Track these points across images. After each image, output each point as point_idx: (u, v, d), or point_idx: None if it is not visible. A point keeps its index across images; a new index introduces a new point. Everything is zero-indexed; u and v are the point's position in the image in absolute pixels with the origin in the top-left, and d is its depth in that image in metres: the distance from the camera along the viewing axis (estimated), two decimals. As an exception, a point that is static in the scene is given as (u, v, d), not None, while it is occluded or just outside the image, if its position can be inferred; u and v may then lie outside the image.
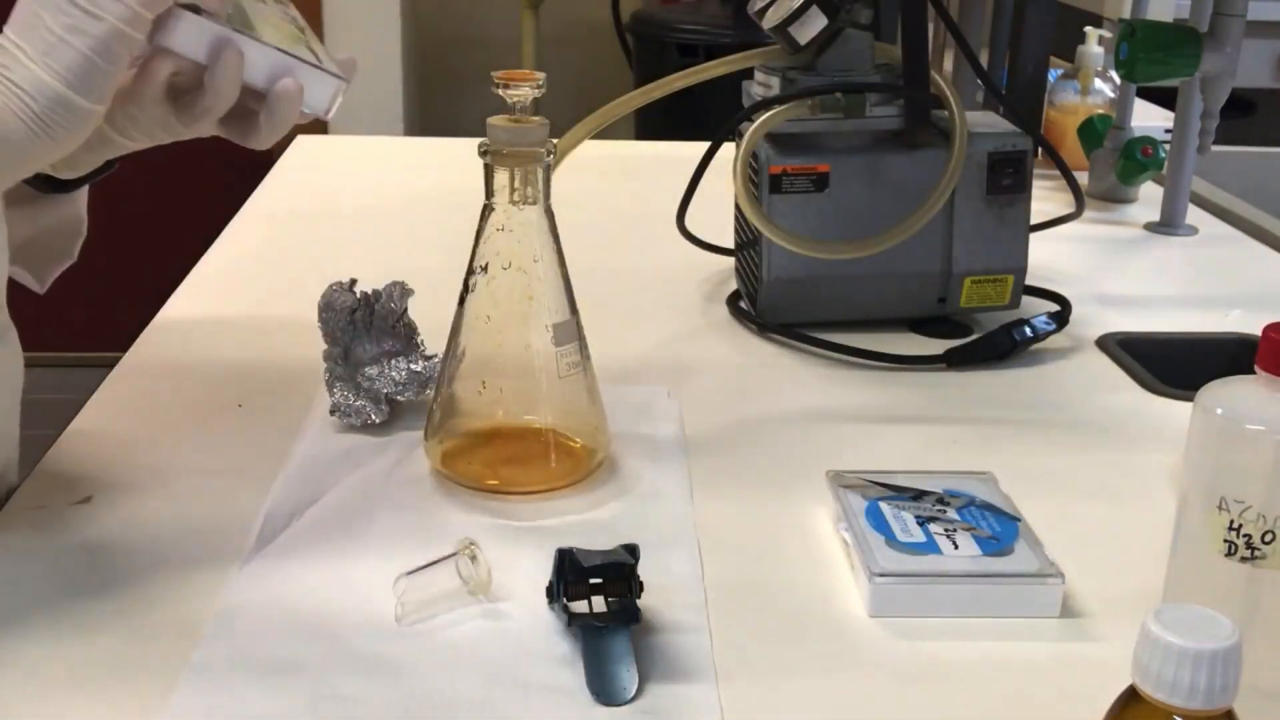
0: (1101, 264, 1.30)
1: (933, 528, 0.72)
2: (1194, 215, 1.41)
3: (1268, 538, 0.57)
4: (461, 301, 0.80)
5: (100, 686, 0.62)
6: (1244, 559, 0.58)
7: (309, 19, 0.78)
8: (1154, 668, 0.44)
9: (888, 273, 1.05)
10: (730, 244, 1.16)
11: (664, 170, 1.26)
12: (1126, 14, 1.42)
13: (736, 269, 1.15)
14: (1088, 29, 1.60)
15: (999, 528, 0.72)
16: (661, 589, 0.69)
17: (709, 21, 2.63)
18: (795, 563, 0.74)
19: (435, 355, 0.87)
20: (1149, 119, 1.68)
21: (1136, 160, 1.44)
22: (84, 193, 0.85)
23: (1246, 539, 0.58)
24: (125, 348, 1.00)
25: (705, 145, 1.09)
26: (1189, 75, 1.26)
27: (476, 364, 0.80)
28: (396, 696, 0.61)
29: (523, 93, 0.76)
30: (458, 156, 0.99)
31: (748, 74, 1.07)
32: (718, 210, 1.15)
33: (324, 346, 0.88)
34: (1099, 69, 1.59)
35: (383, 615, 0.67)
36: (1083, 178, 1.46)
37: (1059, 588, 0.69)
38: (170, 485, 0.80)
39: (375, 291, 0.89)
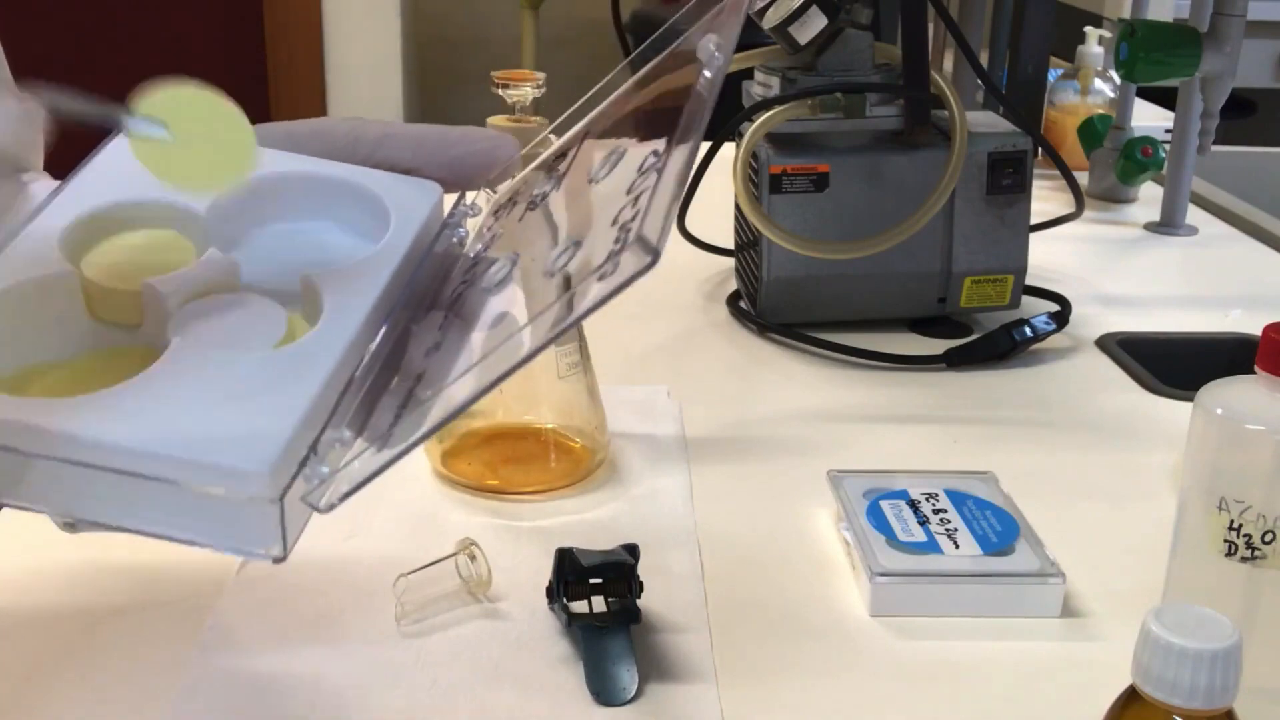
0: (1101, 264, 1.30)
1: (933, 527, 0.72)
2: (1194, 215, 1.41)
3: (1268, 538, 0.57)
4: (461, 301, 0.80)
5: (100, 687, 0.62)
6: (1244, 559, 0.58)
7: (309, 19, 0.70)
8: (1154, 668, 0.44)
9: (888, 273, 1.05)
10: (730, 244, 1.16)
11: (664, 170, 1.25)
12: (1126, 14, 1.42)
13: (736, 269, 1.15)
14: (1088, 29, 1.60)
15: (999, 527, 0.72)
16: (661, 589, 0.68)
17: (709, 21, 2.63)
18: (795, 563, 0.74)
19: (435, 355, 0.87)
20: (1149, 119, 1.68)
21: (1136, 160, 1.44)
22: None
23: (1246, 539, 0.58)
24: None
25: (705, 145, 1.09)
26: (1189, 75, 1.25)
27: (476, 364, 0.80)
28: (396, 697, 0.61)
29: (523, 93, 0.76)
30: (458, 156, 0.99)
31: (748, 74, 1.07)
32: (718, 210, 1.15)
33: (324, 346, 0.88)
34: (1099, 69, 1.59)
35: (383, 615, 0.66)
36: (1083, 178, 1.46)
37: (1059, 587, 0.69)
38: (170, 485, 0.80)
39: (375, 291, 0.89)
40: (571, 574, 0.66)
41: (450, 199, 0.52)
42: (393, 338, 0.41)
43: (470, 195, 0.51)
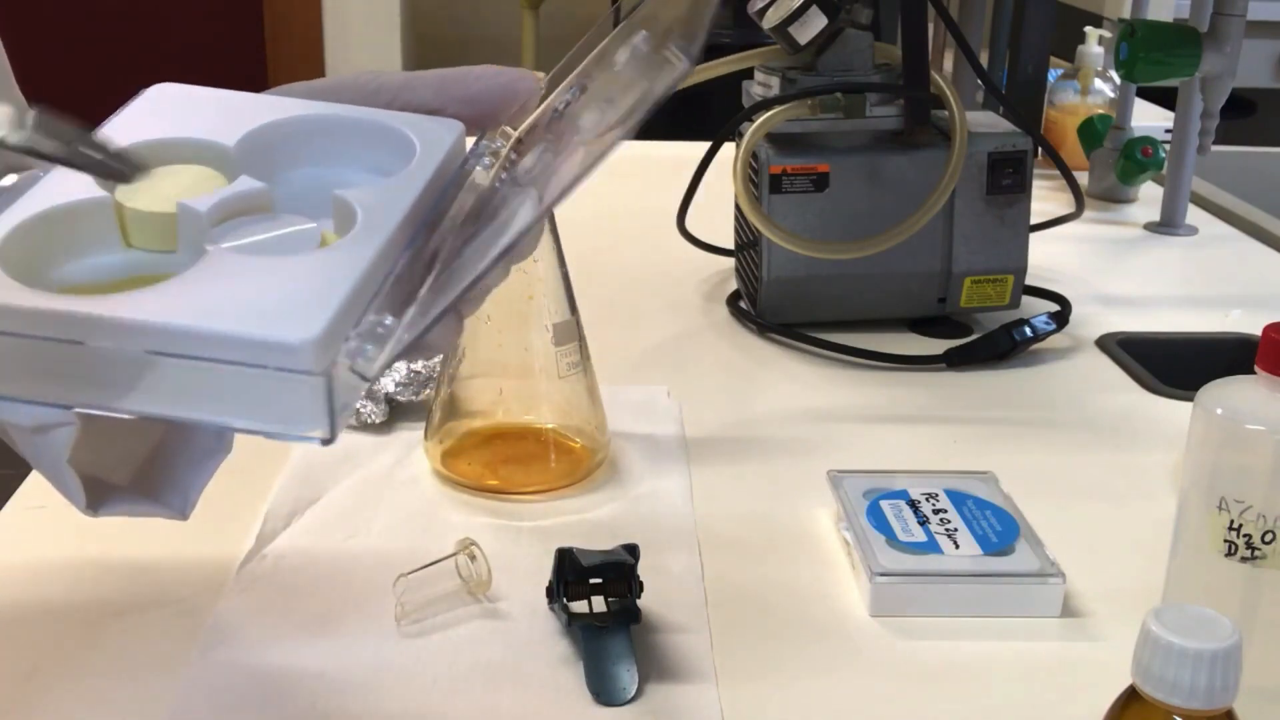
0: (1101, 264, 1.30)
1: (933, 527, 0.72)
2: (1194, 215, 1.41)
3: (1268, 538, 0.57)
4: (461, 301, 0.80)
5: (100, 687, 0.62)
6: (1244, 559, 0.58)
7: (309, 19, 0.67)
8: (1154, 668, 0.44)
9: (888, 273, 1.05)
10: (730, 244, 1.16)
11: (664, 170, 1.25)
12: (1126, 14, 1.42)
13: (736, 269, 1.15)
14: (1088, 29, 1.60)
15: (999, 527, 0.72)
16: (661, 589, 0.68)
17: (709, 21, 2.63)
18: (795, 563, 0.74)
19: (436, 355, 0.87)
20: (1149, 119, 1.68)
21: (1136, 160, 1.44)
22: None
23: (1246, 539, 0.58)
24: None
25: (705, 145, 1.09)
26: (1189, 75, 1.25)
27: (476, 364, 0.80)
28: (396, 697, 0.61)
29: (523, 93, 0.76)
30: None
31: (748, 74, 1.07)
32: (718, 210, 1.15)
33: (324, 346, 0.88)
34: (1099, 69, 1.59)
35: (383, 615, 0.66)
36: (1083, 178, 1.46)
37: (1059, 587, 0.69)
38: (170, 485, 0.80)
39: (375, 291, 0.89)
40: (571, 574, 0.66)
41: (471, 143, 0.52)
42: (426, 253, 0.41)
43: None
